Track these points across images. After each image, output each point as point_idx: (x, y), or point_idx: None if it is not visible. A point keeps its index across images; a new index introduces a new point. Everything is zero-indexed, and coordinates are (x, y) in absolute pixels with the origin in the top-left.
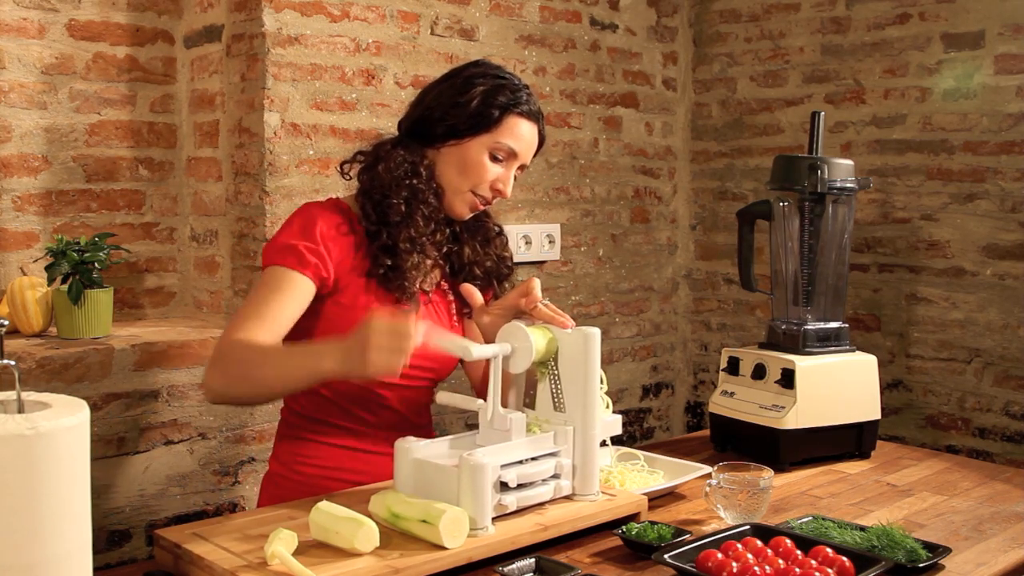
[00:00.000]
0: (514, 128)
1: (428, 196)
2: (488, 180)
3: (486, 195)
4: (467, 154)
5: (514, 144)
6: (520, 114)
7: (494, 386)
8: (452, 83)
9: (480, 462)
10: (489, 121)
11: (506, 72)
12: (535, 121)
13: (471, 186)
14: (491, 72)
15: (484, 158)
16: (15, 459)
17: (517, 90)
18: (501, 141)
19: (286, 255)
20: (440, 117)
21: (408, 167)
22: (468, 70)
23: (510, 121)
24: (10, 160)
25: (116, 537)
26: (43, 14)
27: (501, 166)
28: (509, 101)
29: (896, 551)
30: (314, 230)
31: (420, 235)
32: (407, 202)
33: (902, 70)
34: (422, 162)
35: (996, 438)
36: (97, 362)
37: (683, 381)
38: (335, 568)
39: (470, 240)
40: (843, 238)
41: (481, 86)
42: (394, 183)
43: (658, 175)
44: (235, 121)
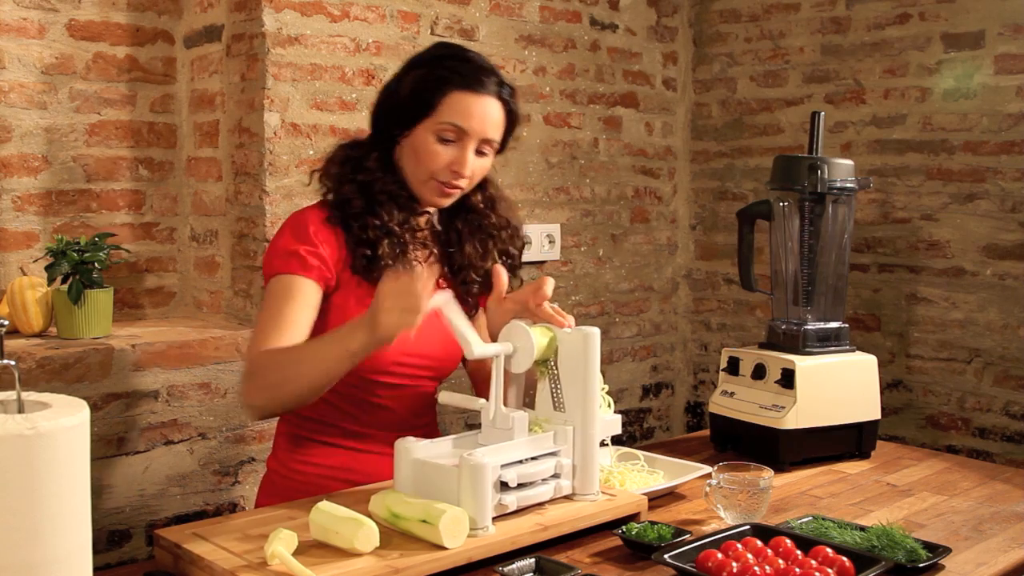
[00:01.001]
0: (456, 105)
1: (384, 186)
2: (443, 164)
3: (447, 179)
4: (416, 141)
5: (460, 122)
6: (461, 89)
7: (496, 385)
8: (397, 75)
9: (480, 462)
10: (428, 104)
11: (454, 49)
12: (485, 93)
13: (428, 173)
14: (435, 53)
15: (432, 142)
16: (15, 459)
17: (459, 65)
18: (444, 121)
19: (289, 262)
20: (388, 111)
21: (352, 163)
22: (416, 56)
23: (451, 99)
24: (10, 160)
25: (116, 537)
26: (43, 14)
27: (454, 147)
28: (445, 79)
29: (896, 551)
30: (308, 232)
31: (387, 222)
32: (361, 194)
33: (902, 70)
34: (369, 156)
35: (996, 438)
36: (97, 362)
37: (683, 381)
38: (335, 568)
39: (470, 239)
40: (843, 238)
41: (418, 70)
42: (339, 180)
43: (658, 175)
44: (235, 121)
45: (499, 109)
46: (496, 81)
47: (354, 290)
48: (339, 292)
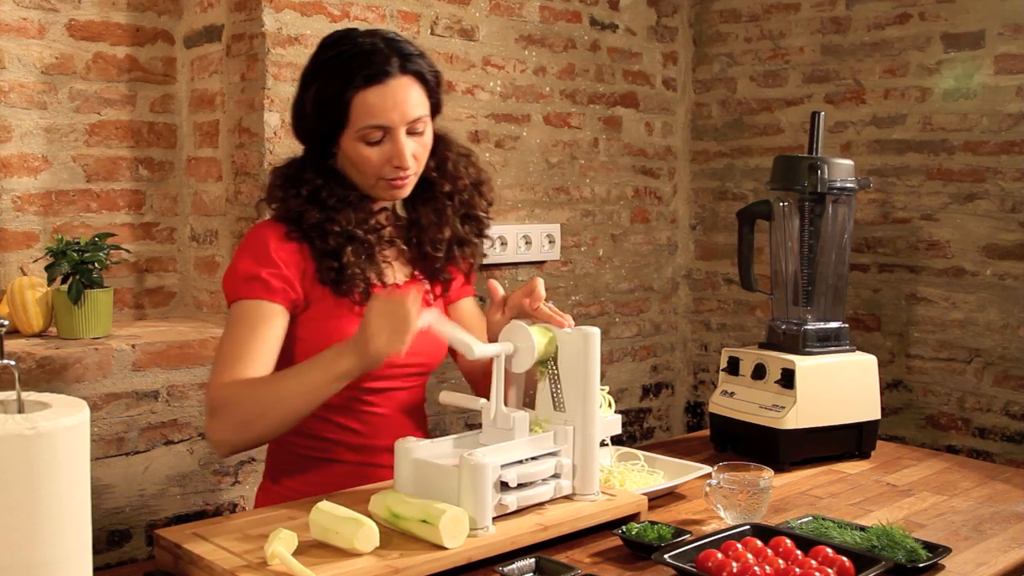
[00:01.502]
0: (366, 106)
1: (332, 192)
2: (380, 164)
3: (392, 175)
4: (346, 153)
5: (377, 121)
6: (363, 87)
7: (497, 385)
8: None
9: (480, 462)
10: (338, 117)
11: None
12: (389, 79)
13: (372, 176)
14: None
15: (361, 149)
16: (15, 459)
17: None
18: (361, 127)
19: (252, 286)
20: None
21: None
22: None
23: (357, 103)
24: (10, 160)
25: (116, 537)
26: (43, 14)
27: (385, 144)
28: (344, 87)
29: (896, 551)
30: (268, 253)
31: (347, 227)
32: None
33: (902, 70)
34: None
35: (996, 438)
36: (97, 362)
37: (683, 381)
38: (335, 568)
39: (423, 209)
40: (843, 238)
41: (312, 84)
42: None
43: (658, 175)
44: (235, 121)
45: (411, 83)
46: (396, 58)
47: (325, 303)
48: (310, 308)
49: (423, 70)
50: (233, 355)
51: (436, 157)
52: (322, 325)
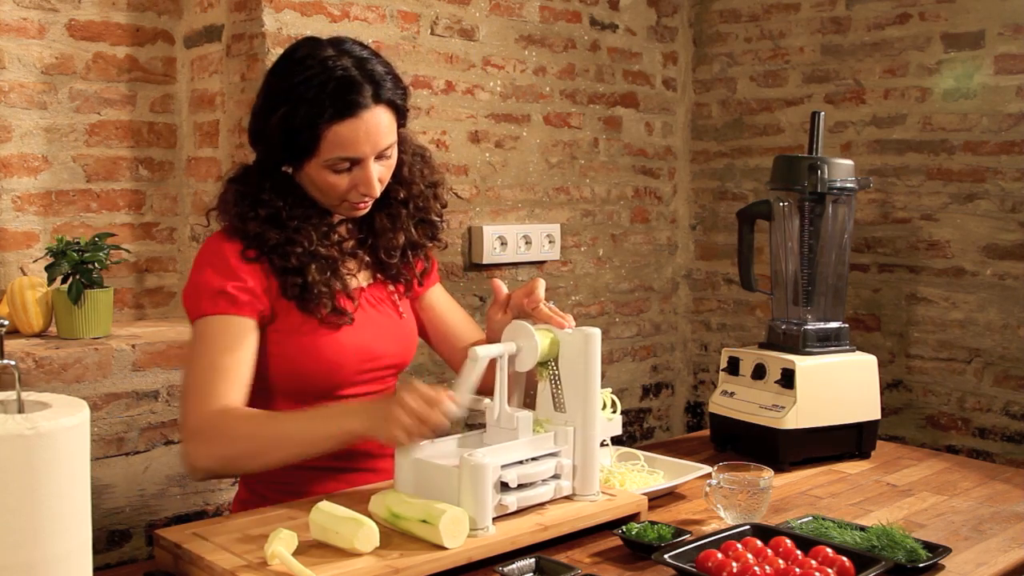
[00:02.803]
0: (336, 138)
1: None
2: (346, 190)
3: (357, 199)
4: (310, 177)
5: (347, 153)
6: (336, 121)
7: (500, 385)
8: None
9: (481, 462)
10: (307, 146)
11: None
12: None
13: (337, 199)
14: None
15: (328, 176)
16: (15, 459)
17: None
18: (330, 157)
19: (218, 302)
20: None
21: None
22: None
23: (330, 136)
24: (10, 160)
25: (116, 537)
26: (43, 14)
27: (353, 171)
28: (313, 118)
29: (896, 551)
30: (230, 265)
31: (309, 248)
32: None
33: (902, 70)
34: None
35: (996, 438)
36: (97, 362)
37: (683, 381)
38: (335, 568)
39: (378, 214)
40: (843, 238)
41: (280, 107)
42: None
43: (658, 175)
44: (235, 121)
45: (383, 112)
46: (370, 87)
47: (292, 317)
48: (277, 321)
49: (395, 97)
50: (210, 376)
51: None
52: (293, 339)
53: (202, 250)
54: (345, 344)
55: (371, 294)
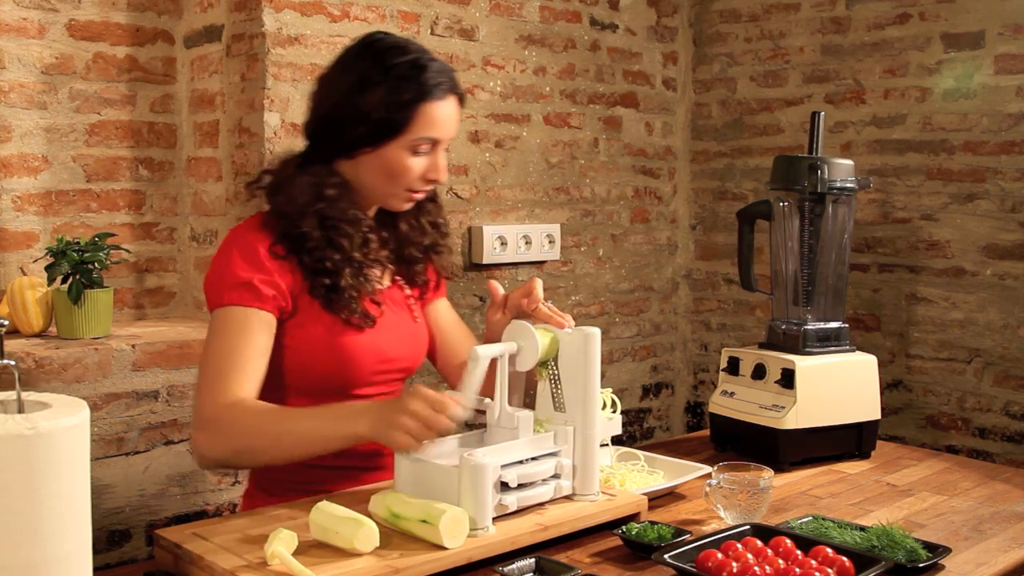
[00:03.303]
0: (428, 118)
1: (344, 214)
2: (418, 175)
3: (421, 187)
4: (387, 159)
5: (433, 133)
6: (430, 100)
7: (501, 385)
8: (347, 81)
9: (481, 462)
10: (400, 123)
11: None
12: (448, 95)
13: (403, 187)
14: (386, 61)
15: (406, 158)
16: (15, 459)
17: (419, 74)
18: (419, 136)
19: (242, 293)
20: (345, 127)
21: (312, 192)
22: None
23: (422, 113)
24: (10, 160)
25: (116, 537)
26: (43, 14)
27: (426, 156)
28: (414, 95)
29: (896, 551)
30: (259, 257)
31: (347, 253)
32: (320, 227)
33: (902, 70)
34: (329, 181)
35: (996, 438)
36: (97, 362)
37: (683, 381)
38: (335, 568)
39: (404, 218)
40: (843, 238)
41: (380, 85)
42: (299, 212)
43: (658, 175)
44: (235, 121)
45: (457, 104)
46: (449, 74)
47: (313, 311)
48: (297, 315)
49: (462, 92)
50: (226, 368)
51: None
52: (311, 336)
53: (229, 237)
54: (362, 344)
55: (389, 297)
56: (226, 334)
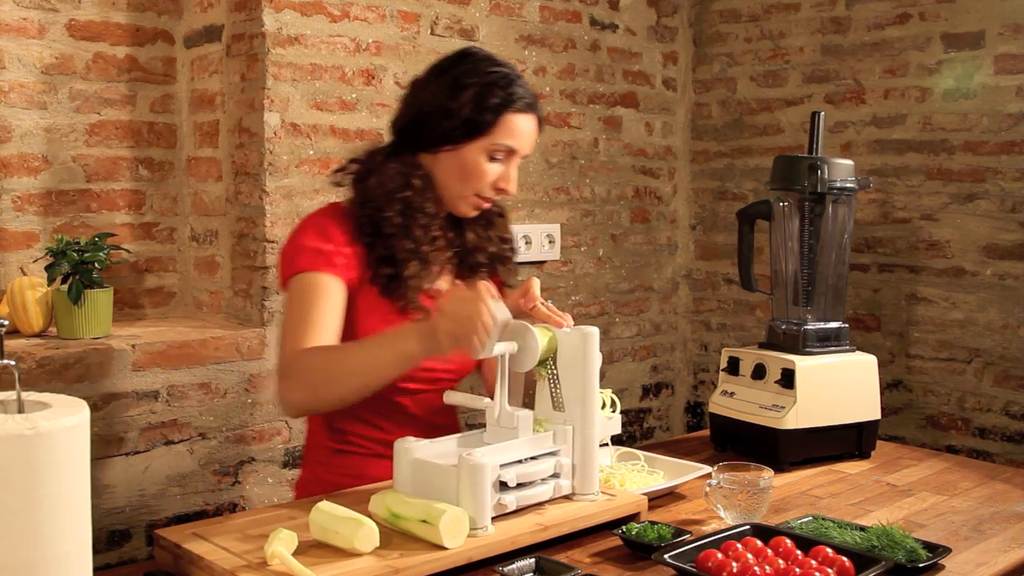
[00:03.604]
0: (510, 126)
1: (424, 206)
2: (489, 181)
3: (490, 195)
4: (465, 159)
5: (512, 142)
6: (516, 111)
7: (501, 384)
8: (441, 83)
9: (479, 462)
10: (484, 125)
11: (495, 64)
12: (531, 112)
13: (473, 190)
14: (481, 68)
15: (483, 162)
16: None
17: (509, 85)
18: (499, 142)
19: (315, 259)
20: (433, 123)
21: (401, 180)
22: (457, 67)
23: (506, 120)
24: (10, 160)
25: (116, 537)
26: (43, 14)
27: (501, 165)
28: (502, 101)
29: (896, 551)
30: (331, 232)
31: (419, 245)
32: (402, 214)
33: (902, 70)
34: (416, 172)
35: (996, 438)
36: (97, 362)
37: (683, 381)
38: (335, 568)
39: (472, 225)
40: (843, 238)
41: (472, 88)
42: (387, 197)
43: (658, 175)
44: (235, 121)
45: (535, 123)
46: (533, 95)
47: (369, 304)
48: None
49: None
50: (302, 323)
51: None
52: (365, 319)
53: (305, 220)
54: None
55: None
56: (300, 297)
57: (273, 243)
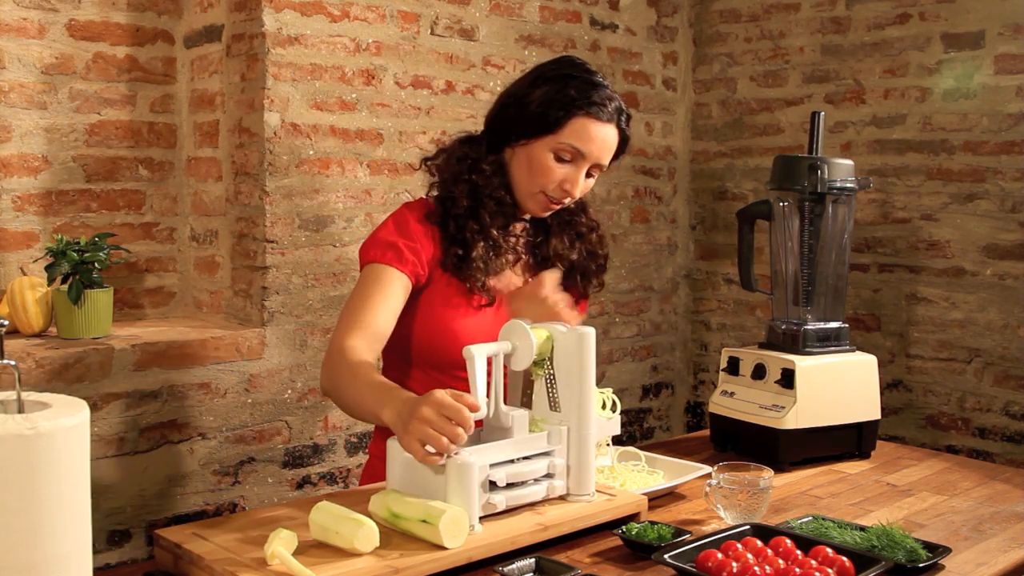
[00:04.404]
0: (579, 129)
1: (493, 191)
2: (556, 181)
3: (556, 195)
4: (533, 155)
5: (579, 145)
6: (587, 115)
7: (496, 384)
8: (525, 80)
9: (467, 461)
10: (552, 122)
11: (584, 71)
12: (607, 121)
13: (539, 187)
14: (565, 71)
15: (549, 159)
16: (15, 459)
17: (587, 89)
18: (564, 142)
19: (386, 252)
20: (511, 117)
21: (469, 163)
22: (547, 66)
23: (575, 122)
24: (10, 160)
25: (116, 537)
26: (43, 14)
27: (568, 166)
28: (573, 102)
29: (896, 551)
30: (408, 226)
31: (487, 228)
32: (469, 196)
33: (902, 70)
34: (486, 158)
35: (996, 438)
36: (97, 362)
37: (683, 381)
38: (335, 568)
39: (559, 233)
40: (843, 238)
41: (547, 85)
42: (453, 177)
43: (658, 175)
44: (235, 121)
45: (615, 136)
46: (617, 108)
47: (442, 288)
48: (428, 288)
49: (627, 133)
50: (356, 312)
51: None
52: (435, 307)
53: (393, 214)
54: (478, 327)
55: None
56: (364, 285)
57: (273, 243)
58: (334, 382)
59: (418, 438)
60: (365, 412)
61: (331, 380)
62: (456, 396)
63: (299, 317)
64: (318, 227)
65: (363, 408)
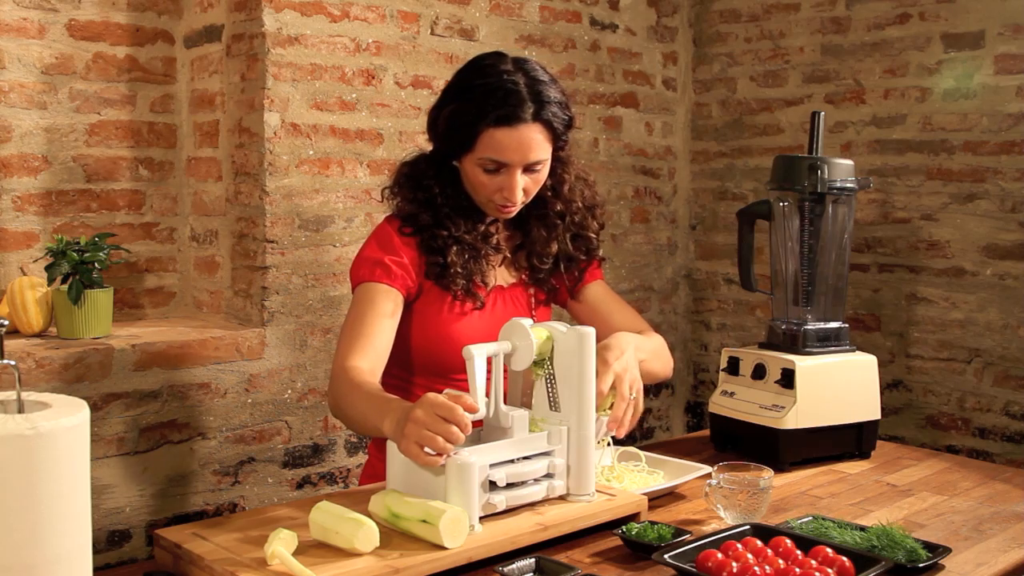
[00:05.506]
0: (490, 143)
1: (447, 199)
2: (492, 191)
3: (502, 202)
4: (464, 170)
5: (496, 156)
6: (495, 126)
7: (496, 383)
8: (438, 102)
9: (467, 461)
10: (465, 141)
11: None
12: (519, 123)
13: (484, 197)
14: (467, 81)
15: (478, 174)
16: (15, 459)
17: (488, 98)
18: (483, 156)
19: (374, 269)
20: (434, 139)
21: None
22: (453, 80)
23: (485, 137)
24: (10, 160)
25: (116, 537)
26: (43, 14)
27: (498, 175)
28: (478, 117)
29: (896, 551)
30: (392, 241)
31: (454, 233)
32: (427, 210)
33: (902, 70)
34: (427, 174)
35: (996, 438)
36: (97, 362)
37: (683, 381)
38: (335, 568)
39: (536, 224)
40: (843, 238)
41: (453, 103)
42: (404, 199)
43: (658, 175)
44: (235, 121)
45: (539, 131)
46: (532, 104)
47: (432, 295)
48: (420, 298)
49: (554, 120)
50: (354, 333)
51: (554, 178)
52: (429, 317)
53: (374, 231)
54: (473, 330)
55: (509, 294)
56: (358, 305)
57: (273, 243)
58: (339, 403)
59: (414, 440)
60: (370, 428)
61: (336, 401)
62: (452, 396)
63: (299, 317)
64: (318, 227)
65: (367, 424)
